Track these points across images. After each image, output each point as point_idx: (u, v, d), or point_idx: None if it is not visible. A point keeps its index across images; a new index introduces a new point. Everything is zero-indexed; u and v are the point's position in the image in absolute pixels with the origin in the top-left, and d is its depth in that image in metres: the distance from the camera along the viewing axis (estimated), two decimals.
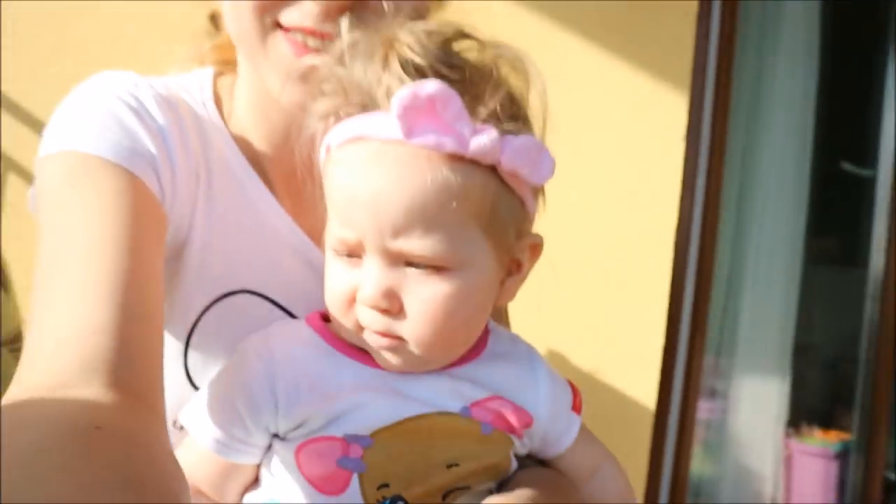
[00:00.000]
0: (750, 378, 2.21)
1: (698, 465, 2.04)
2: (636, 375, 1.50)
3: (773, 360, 2.24)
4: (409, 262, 0.51)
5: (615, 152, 1.52)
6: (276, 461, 0.57)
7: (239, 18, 0.59)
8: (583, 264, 1.48)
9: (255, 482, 0.59)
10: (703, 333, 1.77)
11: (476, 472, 0.57)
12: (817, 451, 2.44)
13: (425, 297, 0.51)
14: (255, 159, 0.66)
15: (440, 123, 0.47)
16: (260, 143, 0.67)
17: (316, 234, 0.65)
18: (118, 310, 0.46)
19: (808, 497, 2.44)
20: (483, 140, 0.48)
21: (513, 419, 0.58)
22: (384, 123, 0.49)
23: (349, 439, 0.54)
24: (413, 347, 0.53)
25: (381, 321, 0.52)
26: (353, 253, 0.53)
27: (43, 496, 0.29)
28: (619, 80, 1.54)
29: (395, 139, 0.49)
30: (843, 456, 2.41)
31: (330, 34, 0.56)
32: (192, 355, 0.62)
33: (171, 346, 0.61)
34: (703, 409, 1.99)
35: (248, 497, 0.59)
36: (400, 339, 0.53)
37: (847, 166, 2.59)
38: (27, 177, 1.38)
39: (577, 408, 0.63)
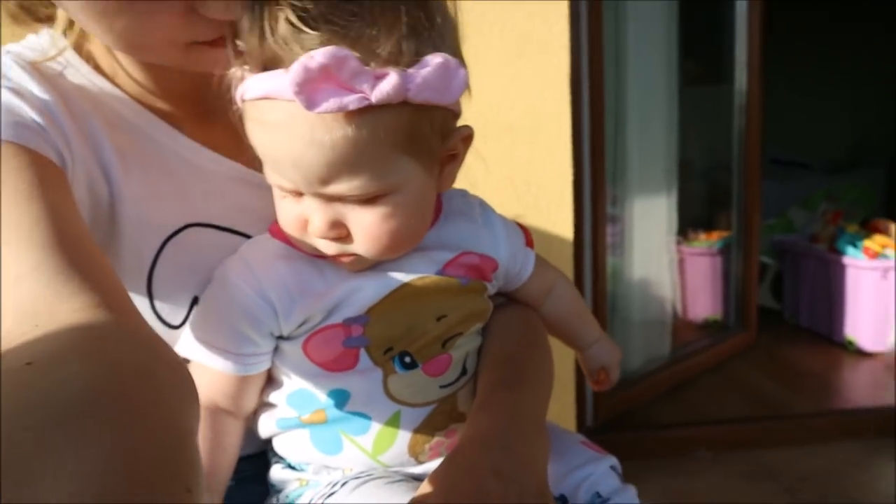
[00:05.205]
0: (641, 200, 2.28)
1: (610, 284, 2.12)
2: (553, 215, 1.62)
3: (661, 180, 2.32)
4: (343, 198, 0.52)
5: (509, 20, 1.54)
6: (286, 359, 0.60)
7: None
8: (493, 126, 1.54)
9: (269, 382, 0.63)
10: (602, 164, 1.85)
11: (463, 320, 0.62)
12: (703, 251, 2.71)
13: (367, 223, 0.53)
14: (147, 99, 0.62)
15: (339, 85, 0.46)
16: (147, 77, 0.62)
17: (228, 148, 0.64)
18: (45, 248, 0.44)
19: (700, 289, 2.75)
20: (385, 87, 0.46)
21: (482, 268, 0.63)
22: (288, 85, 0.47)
23: (348, 322, 0.58)
24: (368, 258, 0.56)
25: (333, 247, 0.55)
26: (294, 193, 0.54)
27: None
28: None
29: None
30: (725, 251, 2.68)
31: None
32: (158, 298, 0.61)
33: (134, 298, 0.57)
34: (606, 235, 2.00)
35: (272, 396, 0.63)
36: (354, 254, 0.56)
37: None
38: None
39: (529, 243, 0.69)
